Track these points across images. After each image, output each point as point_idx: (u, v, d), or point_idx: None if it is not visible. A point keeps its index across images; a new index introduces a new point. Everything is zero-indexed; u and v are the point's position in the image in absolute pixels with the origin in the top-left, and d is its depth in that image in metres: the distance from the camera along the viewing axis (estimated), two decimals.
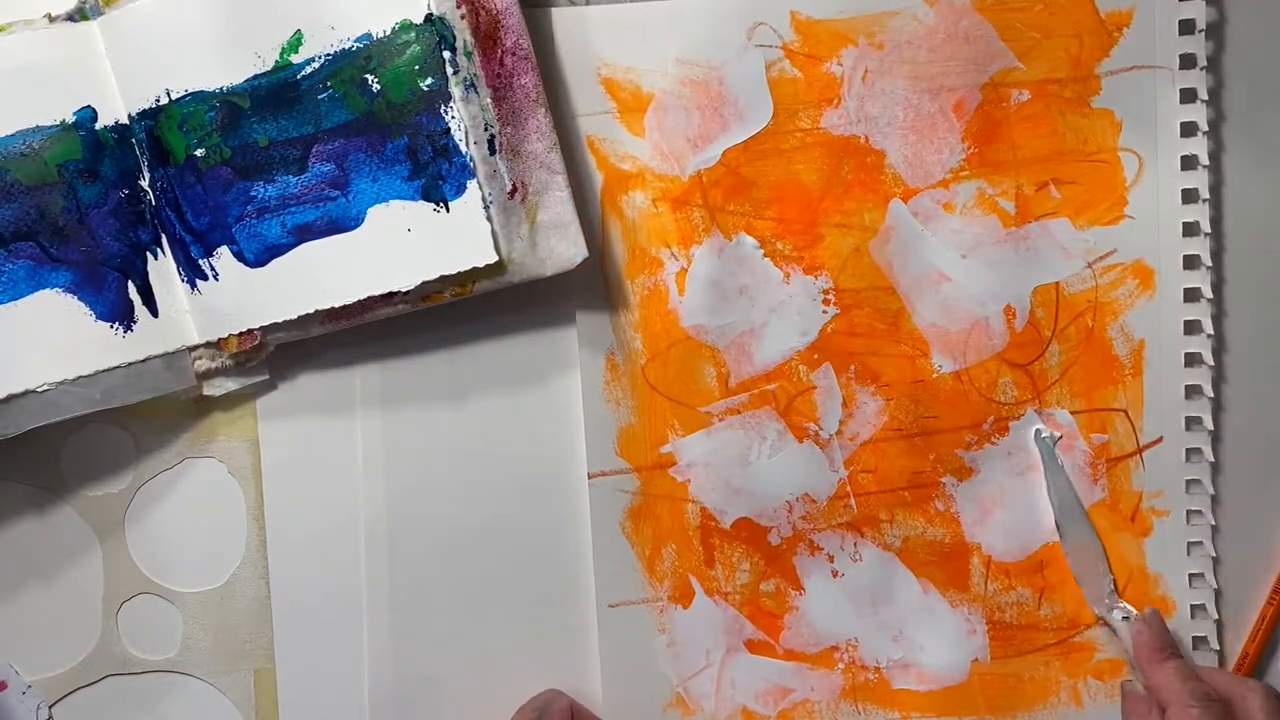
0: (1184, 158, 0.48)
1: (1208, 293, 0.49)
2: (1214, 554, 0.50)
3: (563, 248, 0.46)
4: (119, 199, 0.47)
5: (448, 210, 0.46)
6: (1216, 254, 0.49)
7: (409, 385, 0.50)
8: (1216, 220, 0.49)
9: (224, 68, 0.46)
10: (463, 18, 0.45)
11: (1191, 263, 0.49)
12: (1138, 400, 0.49)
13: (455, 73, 0.45)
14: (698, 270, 0.49)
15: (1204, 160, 0.48)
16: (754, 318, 0.49)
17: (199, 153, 0.46)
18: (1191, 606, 0.50)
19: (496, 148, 0.46)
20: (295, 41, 0.46)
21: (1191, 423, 0.49)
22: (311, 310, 0.47)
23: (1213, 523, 0.50)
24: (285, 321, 0.47)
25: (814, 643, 0.50)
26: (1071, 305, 0.49)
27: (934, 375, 0.49)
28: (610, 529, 0.50)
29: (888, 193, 0.49)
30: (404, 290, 0.46)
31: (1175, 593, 0.50)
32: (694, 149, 0.49)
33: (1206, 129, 0.48)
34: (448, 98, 0.45)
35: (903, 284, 0.49)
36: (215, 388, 0.49)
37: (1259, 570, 0.50)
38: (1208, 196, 0.48)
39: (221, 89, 0.46)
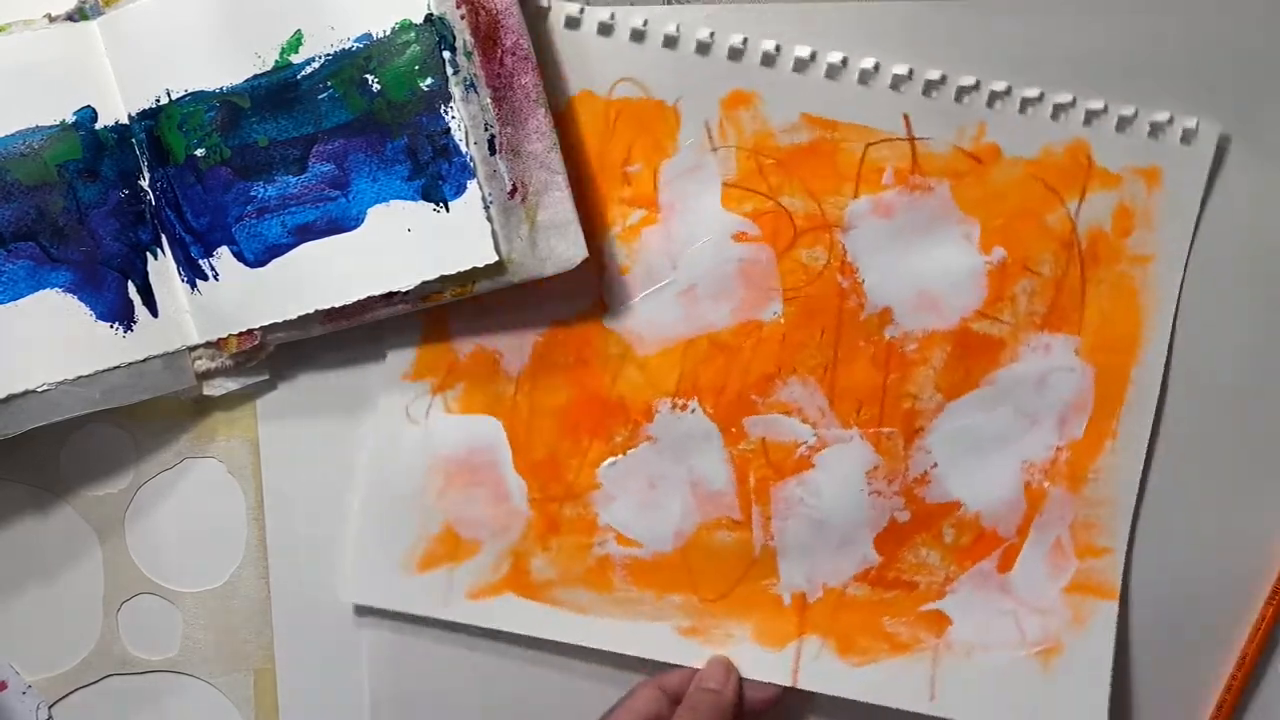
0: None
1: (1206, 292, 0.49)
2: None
3: (563, 248, 0.46)
4: (119, 199, 0.47)
5: (448, 210, 0.46)
6: (1216, 254, 0.49)
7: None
8: (1216, 220, 0.49)
9: (224, 68, 0.46)
10: (463, 18, 0.45)
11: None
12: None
13: (455, 73, 0.45)
14: None
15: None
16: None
17: (199, 153, 0.46)
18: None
19: (496, 148, 0.46)
20: (295, 41, 0.46)
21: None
22: (311, 310, 0.47)
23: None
24: (285, 321, 0.47)
25: None
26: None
27: None
28: None
29: None
30: (404, 290, 0.46)
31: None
32: None
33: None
34: (448, 98, 0.45)
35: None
36: (215, 388, 0.49)
37: (1258, 570, 0.50)
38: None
39: (221, 89, 0.46)
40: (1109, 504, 0.49)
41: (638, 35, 0.47)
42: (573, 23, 0.47)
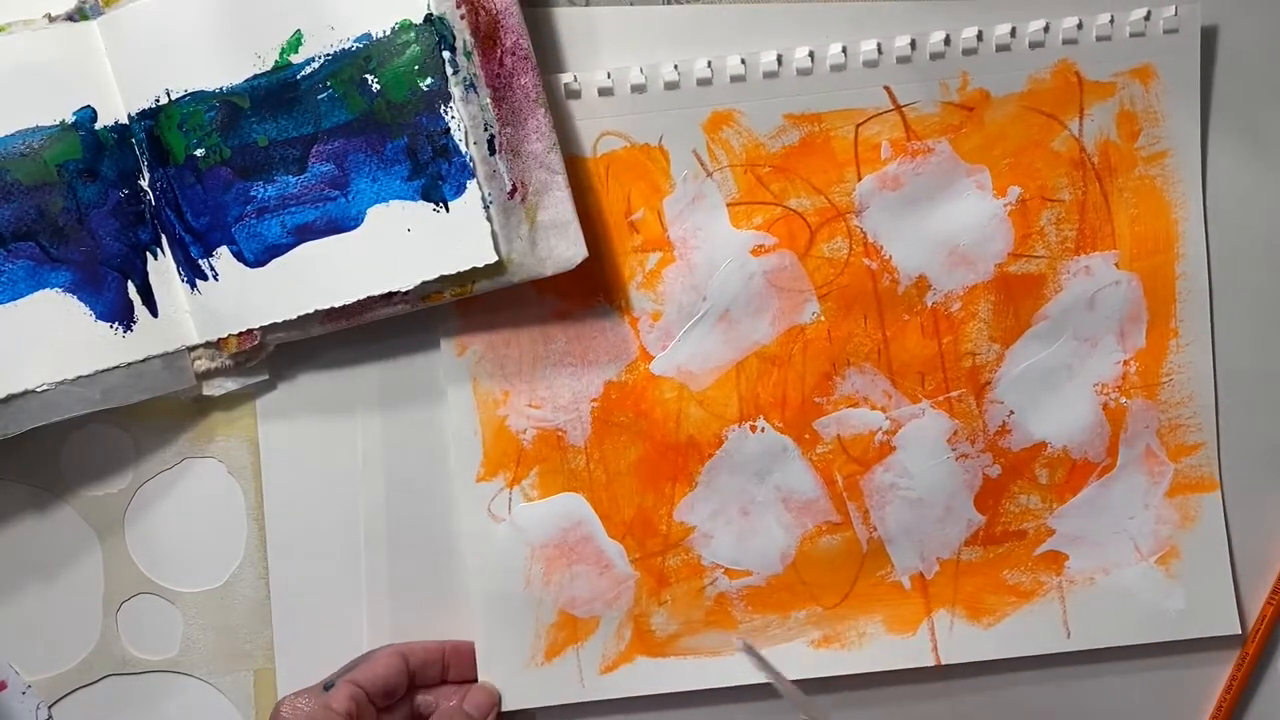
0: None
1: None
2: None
3: (563, 248, 0.46)
4: (119, 199, 0.47)
5: (447, 210, 0.46)
6: (1216, 254, 0.49)
7: (409, 385, 0.50)
8: (1215, 221, 0.49)
9: (224, 68, 0.46)
10: (462, 18, 0.45)
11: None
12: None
13: (455, 73, 0.45)
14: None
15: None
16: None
17: (199, 153, 0.46)
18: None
19: (496, 148, 0.46)
20: (295, 41, 0.46)
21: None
22: (311, 310, 0.47)
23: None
24: (285, 321, 0.47)
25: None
26: None
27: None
28: None
29: None
30: (404, 290, 0.46)
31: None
32: None
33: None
34: (447, 98, 0.45)
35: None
36: (215, 388, 0.49)
37: (1257, 570, 0.50)
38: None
39: (221, 89, 0.46)
40: (1188, 401, 0.49)
41: (605, 91, 0.48)
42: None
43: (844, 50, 0.47)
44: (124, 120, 0.47)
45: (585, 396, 0.49)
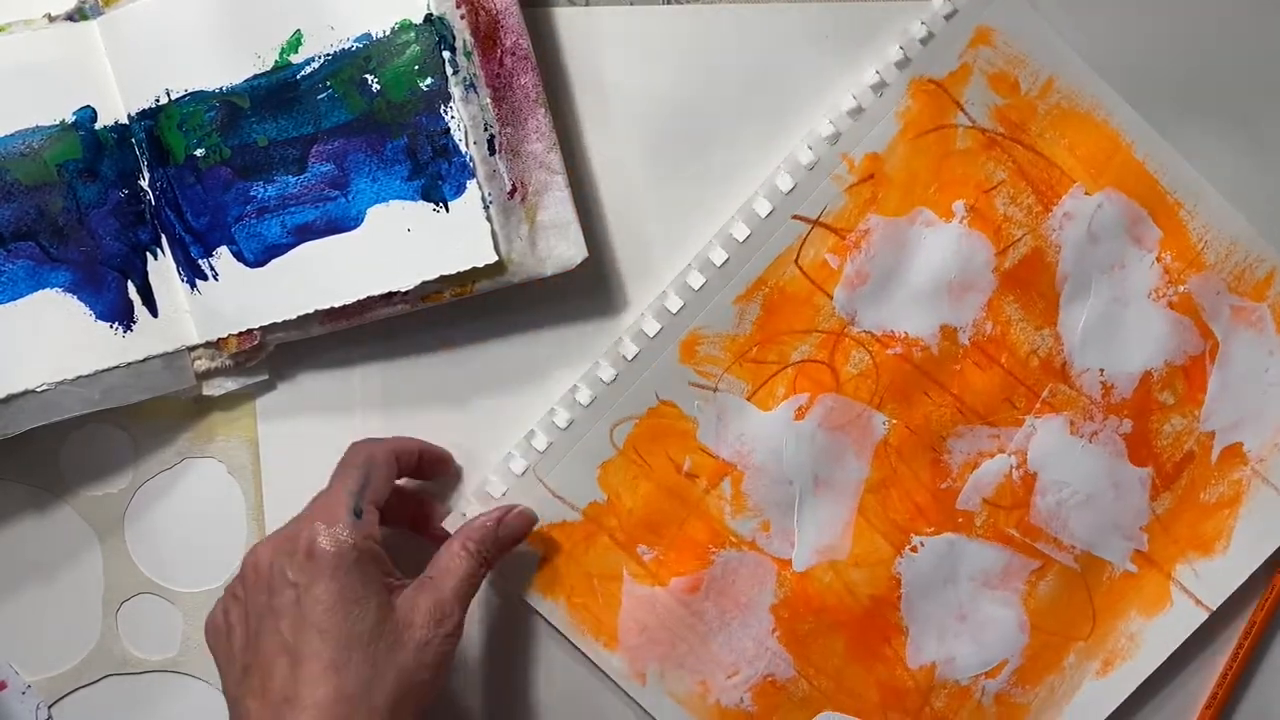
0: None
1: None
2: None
3: (563, 248, 0.47)
4: (119, 199, 0.47)
5: (447, 210, 0.46)
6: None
7: (409, 385, 0.50)
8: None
9: (224, 68, 0.46)
10: (462, 18, 0.45)
11: None
12: None
13: (455, 73, 0.45)
14: None
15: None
16: None
17: (199, 153, 0.46)
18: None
19: (496, 148, 0.46)
20: (295, 41, 0.46)
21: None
22: (311, 310, 0.47)
23: None
24: (285, 321, 0.47)
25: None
26: None
27: None
28: None
29: None
30: (404, 290, 0.46)
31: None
32: None
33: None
34: (447, 98, 0.45)
35: None
36: (215, 388, 0.49)
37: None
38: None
39: (221, 89, 0.46)
40: (1234, 242, 0.49)
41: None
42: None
43: (743, 219, 0.47)
44: (124, 120, 0.47)
45: (765, 633, 0.49)
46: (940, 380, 0.48)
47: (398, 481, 0.46)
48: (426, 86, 0.45)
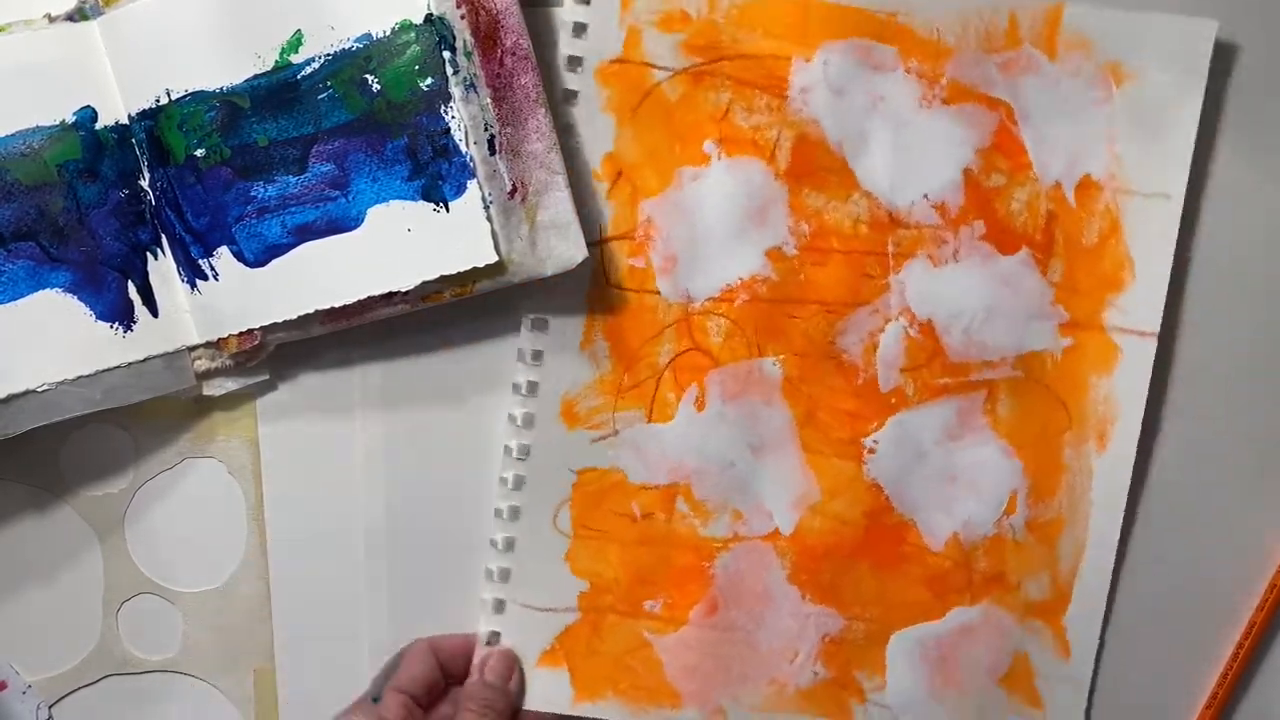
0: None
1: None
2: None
3: (563, 248, 0.47)
4: (119, 199, 0.47)
5: (448, 210, 0.46)
6: (1217, 254, 0.49)
7: (409, 385, 0.50)
8: (1215, 220, 0.49)
9: (224, 68, 0.46)
10: (463, 18, 0.45)
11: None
12: None
13: (455, 73, 0.45)
14: None
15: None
16: None
17: (199, 153, 0.46)
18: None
19: (496, 148, 0.46)
20: (295, 41, 0.46)
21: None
22: (311, 310, 0.47)
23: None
24: (285, 321, 0.47)
25: None
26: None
27: None
28: None
29: None
30: (404, 290, 0.46)
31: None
32: None
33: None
34: (448, 98, 0.45)
35: None
36: (215, 388, 0.49)
37: (1255, 569, 0.50)
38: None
39: (221, 89, 0.46)
40: (961, 15, 0.48)
41: None
42: None
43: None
44: (124, 120, 0.47)
45: (796, 604, 0.49)
46: (796, 297, 0.49)
47: None
48: (427, 86, 0.45)
